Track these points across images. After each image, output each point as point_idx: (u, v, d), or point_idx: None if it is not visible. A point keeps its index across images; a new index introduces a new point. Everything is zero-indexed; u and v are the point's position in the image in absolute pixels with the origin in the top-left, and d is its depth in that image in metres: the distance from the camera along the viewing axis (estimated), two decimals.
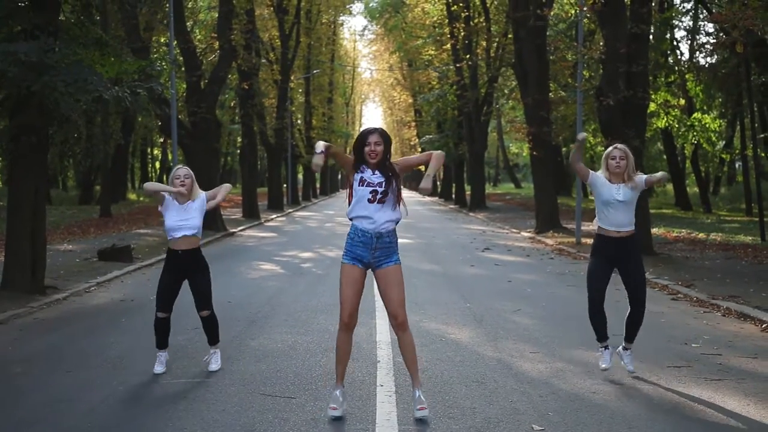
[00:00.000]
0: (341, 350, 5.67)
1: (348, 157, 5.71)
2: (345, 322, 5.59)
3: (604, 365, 6.78)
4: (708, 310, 10.17)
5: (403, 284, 5.66)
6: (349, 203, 5.63)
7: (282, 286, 12.43)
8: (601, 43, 18.61)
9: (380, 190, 5.49)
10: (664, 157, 39.86)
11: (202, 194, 7.13)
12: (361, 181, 5.53)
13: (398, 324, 5.61)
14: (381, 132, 5.62)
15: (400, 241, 5.85)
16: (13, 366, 7.24)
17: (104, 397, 6.18)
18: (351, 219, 5.61)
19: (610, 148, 6.85)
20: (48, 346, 8.10)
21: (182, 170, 7.05)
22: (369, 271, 5.70)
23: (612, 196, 6.66)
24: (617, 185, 6.69)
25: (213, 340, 7.09)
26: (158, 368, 6.88)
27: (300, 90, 50.73)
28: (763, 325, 8.94)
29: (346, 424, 5.46)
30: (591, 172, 6.84)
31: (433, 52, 44.63)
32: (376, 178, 5.52)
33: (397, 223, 5.65)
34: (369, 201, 5.50)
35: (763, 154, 27.37)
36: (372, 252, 5.54)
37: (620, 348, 6.89)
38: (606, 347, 6.82)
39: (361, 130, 5.72)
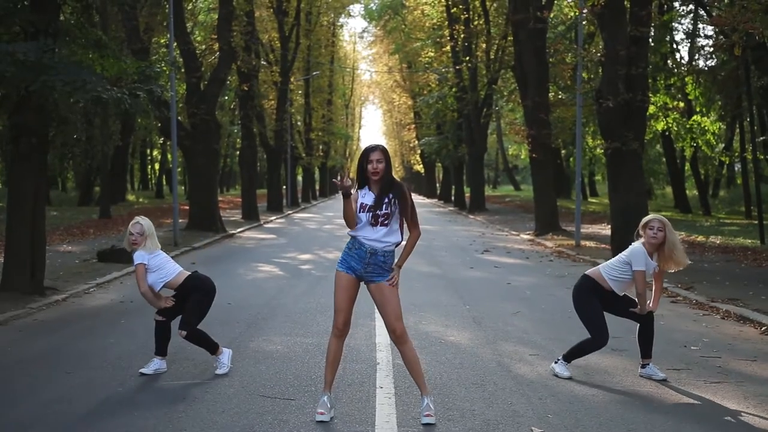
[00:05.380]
0: (332, 356, 5.68)
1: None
2: (339, 329, 5.62)
3: (567, 374, 6.77)
4: (707, 312, 10.17)
5: (398, 298, 5.61)
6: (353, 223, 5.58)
7: (281, 288, 12.42)
8: (601, 46, 18.62)
9: (380, 212, 5.47)
10: (664, 159, 39.87)
11: (139, 253, 6.90)
12: (362, 207, 5.50)
13: (397, 337, 5.59)
14: (382, 149, 5.59)
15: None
16: (13, 367, 7.23)
17: (104, 399, 6.17)
18: (353, 234, 5.60)
19: (650, 218, 6.72)
20: (47, 347, 8.10)
21: (136, 227, 6.94)
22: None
23: (648, 274, 6.67)
24: (653, 265, 6.67)
25: (210, 351, 7.00)
26: (145, 369, 6.87)
27: (299, 92, 50.71)
28: (763, 328, 8.94)
29: (346, 426, 5.45)
30: (643, 256, 6.61)
31: (432, 54, 44.64)
32: (374, 200, 5.49)
33: (396, 245, 5.62)
34: (371, 225, 5.50)
35: (762, 157, 27.37)
36: (364, 266, 5.55)
37: (641, 370, 6.84)
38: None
39: (364, 148, 5.69)
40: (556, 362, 6.90)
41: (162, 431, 5.38)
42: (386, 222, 5.49)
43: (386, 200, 5.49)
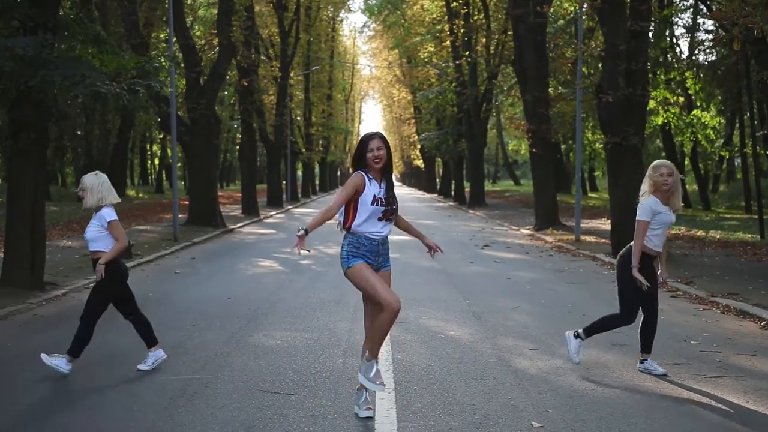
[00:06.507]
0: (384, 334, 5.61)
1: (348, 194, 5.45)
2: (398, 308, 5.42)
3: (578, 359, 6.83)
4: (707, 307, 10.17)
5: None
6: (349, 217, 5.47)
7: (281, 283, 12.42)
8: (601, 40, 18.59)
9: (389, 209, 5.49)
10: (663, 154, 39.85)
11: (104, 210, 6.88)
12: (375, 200, 5.42)
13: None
14: (381, 136, 5.54)
15: (399, 238, 5.85)
16: (12, 362, 7.23)
17: (103, 394, 6.18)
18: (355, 232, 5.47)
19: (658, 164, 6.70)
20: (47, 342, 8.09)
21: (81, 182, 6.95)
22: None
23: (669, 220, 6.67)
24: (668, 209, 6.66)
25: (70, 351, 6.83)
26: (142, 365, 6.88)
27: (299, 87, 50.67)
28: (763, 323, 8.95)
29: (346, 421, 5.46)
30: (650, 210, 6.60)
31: (432, 49, 44.58)
32: (383, 193, 5.46)
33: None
34: (379, 219, 5.46)
35: (762, 152, 27.37)
36: (376, 258, 5.51)
37: (640, 365, 6.84)
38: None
39: (361, 137, 5.61)
40: (576, 336, 6.88)
41: (161, 426, 5.39)
42: (391, 217, 5.55)
43: (392, 195, 5.54)
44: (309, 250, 5.45)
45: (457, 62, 37.30)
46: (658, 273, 6.84)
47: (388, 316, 5.40)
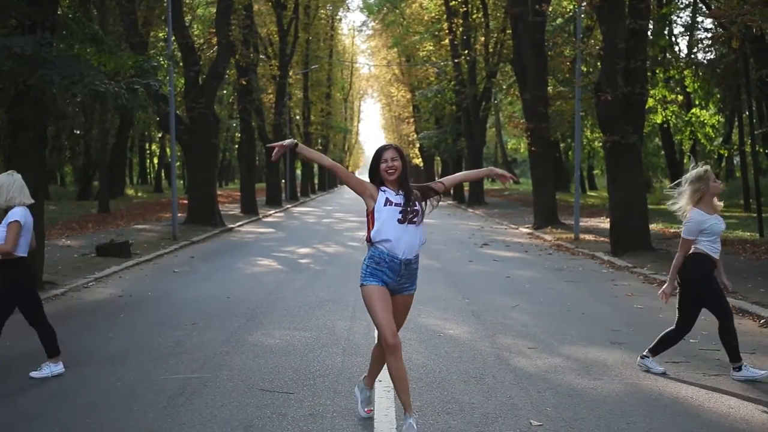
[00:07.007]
0: (402, 377, 5.06)
1: (353, 177, 5.31)
2: (392, 342, 4.99)
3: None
4: None
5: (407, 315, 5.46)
6: (369, 226, 5.19)
7: (280, 282, 12.42)
8: (599, 38, 18.58)
9: (410, 209, 5.13)
10: (662, 152, 39.88)
11: (12, 210, 6.81)
12: (387, 201, 5.12)
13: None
14: (396, 147, 5.31)
15: None
16: (12, 361, 7.23)
17: (102, 393, 6.18)
18: (376, 242, 5.17)
19: (704, 171, 6.69)
20: None
21: None
22: None
23: (721, 228, 6.68)
24: (716, 216, 6.66)
25: (50, 354, 6.80)
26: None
27: (298, 86, 50.67)
28: (761, 321, 8.96)
29: (345, 420, 5.46)
30: (697, 227, 6.59)
31: (431, 48, 44.58)
32: (400, 198, 5.15)
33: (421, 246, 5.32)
34: (399, 221, 5.12)
35: (761, 150, 27.36)
36: (398, 279, 5.20)
37: (640, 361, 6.85)
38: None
39: (376, 149, 5.38)
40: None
41: (161, 425, 5.39)
42: (414, 219, 5.16)
43: (413, 199, 5.21)
44: (276, 160, 5.56)
45: (456, 61, 37.29)
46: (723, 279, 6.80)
47: (391, 358, 5.03)
